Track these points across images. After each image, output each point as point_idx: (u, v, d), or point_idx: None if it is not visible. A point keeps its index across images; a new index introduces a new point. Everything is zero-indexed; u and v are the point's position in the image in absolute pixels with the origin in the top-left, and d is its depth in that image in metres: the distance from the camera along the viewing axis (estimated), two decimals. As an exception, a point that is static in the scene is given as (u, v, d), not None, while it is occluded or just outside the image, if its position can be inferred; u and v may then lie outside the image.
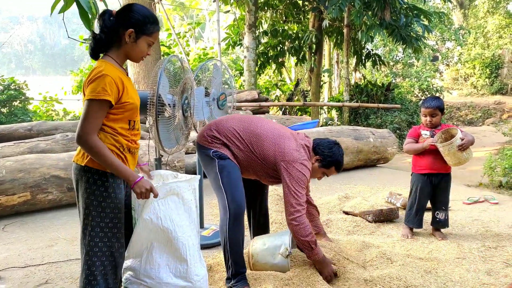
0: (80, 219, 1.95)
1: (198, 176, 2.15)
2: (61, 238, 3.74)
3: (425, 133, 3.41)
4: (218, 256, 3.02)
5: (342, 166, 2.82)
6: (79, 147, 1.95)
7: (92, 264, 1.91)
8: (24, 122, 8.17)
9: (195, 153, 2.84)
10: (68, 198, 4.56)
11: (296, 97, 12.55)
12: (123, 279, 2.04)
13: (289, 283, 2.51)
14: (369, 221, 3.82)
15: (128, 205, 2.10)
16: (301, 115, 12.07)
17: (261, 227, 3.13)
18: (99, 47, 1.97)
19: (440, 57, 19.41)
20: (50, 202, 4.54)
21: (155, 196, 1.94)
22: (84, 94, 1.89)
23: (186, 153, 5.96)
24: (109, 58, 1.96)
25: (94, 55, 1.99)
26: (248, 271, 2.73)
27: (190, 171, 5.39)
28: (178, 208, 2.00)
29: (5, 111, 11.30)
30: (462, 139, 3.15)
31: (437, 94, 13.88)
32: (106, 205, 1.92)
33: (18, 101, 11.57)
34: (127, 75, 2.01)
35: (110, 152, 1.89)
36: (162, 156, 3.21)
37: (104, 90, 1.83)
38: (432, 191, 3.44)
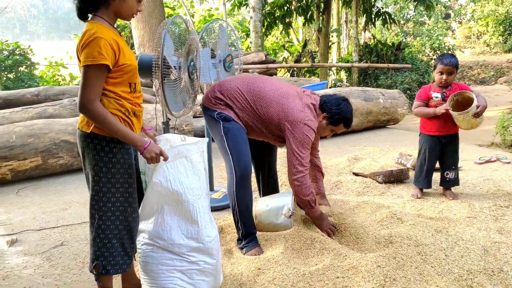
0: (89, 186, 1.93)
1: (206, 139, 2.13)
2: (74, 202, 3.80)
3: (436, 95, 3.28)
4: (228, 218, 3.05)
5: (351, 122, 2.76)
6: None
7: (106, 228, 1.91)
8: (31, 88, 8.15)
9: (203, 116, 2.81)
10: (79, 162, 4.60)
11: (304, 59, 12.32)
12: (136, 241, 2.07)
13: (297, 242, 2.53)
14: (379, 182, 3.81)
15: (137, 169, 2.09)
16: (309, 76, 11.90)
17: (270, 188, 3.14)
18: (86, 6, 1.86)
19: (452, 15, 18.83)
20: (62, 166, 4.59)
21: (165, 159, 1.92)
22: (79, 60, 1.81)
23: (194, 116, 5.93)
24: (99, 18, 1.85)
25: (82, 15, 1.88)
26: (258, 232, 2.76)
27: (199, 134, 5.38)
28: (187, 171, 1.99)
29: (12, 77, 11.27)
30: (478, 106, 3.05)
31: (449, 53, 13.57)
32: (116, 171, 1.89)
33: (24, 67, 11.51)
34: (120, 35, 1.92)
35: (115, 118, 1.85)
36: (169, 119, 3.19)
37: (100, 54, 1.75)
38: (441, 151, 3.40)
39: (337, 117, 2.69)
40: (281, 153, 4.30)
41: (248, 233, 2.65)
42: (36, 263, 2.69)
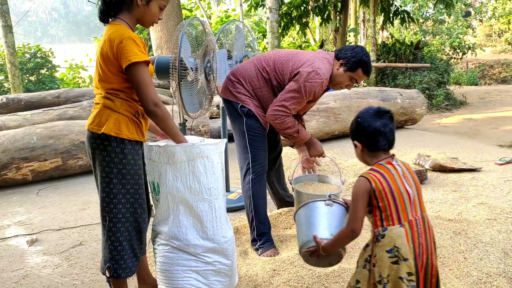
0: (98, 188, 1.93)
1: (224, 140, 2.14)
2: (92, 202, 3.86)
3: None
4: (244, 218, 3.05)
5: (370, 66, 2.59)
6: (92, 114, 1.91)
7: (117, 230, 1.92)
8: (52, 90, 8.32)
9: (219, 117, 2.84)
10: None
11: (321, 59, 12.23)
12: (152, 241, 2.09)
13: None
14: (396, 183, 3.76)
15: (145, 171, 2.10)
16: (326, 77, 11.82)
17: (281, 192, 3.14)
18: (110, 9, 1.88)
19: (473, 12, 18.47)
20: (81, 167, 4.67)
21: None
22: (105, 61, 1.81)
23: (211, 117, 5.96)
24: (121, 21, 1.87)
25: (104, 17, 1.90)
26: (273, 233, 2.76)
27: (215, 135, 5.41)
28: (206, 171, 2.00)
29: (33, 79, 11.53)
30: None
31: (469, 52, 13.30)
32: (127, 172, 1.90)
33: (45, 69, 11.76)
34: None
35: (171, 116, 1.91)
36: (186, 120, 3.21)
37: (141, 52, 1.79)
38: None
39: (353, 60, 2.52)
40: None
41: (262, 232, 2.65)
42: (55, 262, 2.74)
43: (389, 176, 1.59)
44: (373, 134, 1.67)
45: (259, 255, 2.59)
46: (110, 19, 1.91)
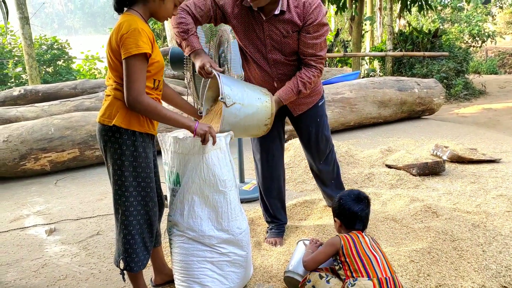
0: (111, 181, 1.94)
1: (231, 132, 2.11)
2: (109, 192, 3.88)
3: None
4: (259, 210, 3.05)
5: None
6: (103, 106, 1.91)
7: (129, 223, 1.93)
8: (69, 81, 8.42)
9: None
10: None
11: (336, 48, 12.12)
12: (168, 232, 2.10)
13: (328, 235, 2.51)
14: (413, 175, 3.72)
15: (156, 164, 2.10)
16: (341, 66, 11.71)
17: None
18: (125, 0, 1.88)
19: (493, -1, 17.98)
20: (98, 158, 4.72)
21: (214, 138, 1.93)
22: (114, 51, 1.82)
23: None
24: (135, 12, 1.87)
25: (119, 8, 1.90)
26: (289, 222, 2.77)
27: (230, 126, 5.40)
28: (220, 162, 2.00)
29: (50, 70, 11.67)
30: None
31: (489, 40, 12.98)
32: (138, 165, 1.91)
33: (61, 61, 11.89)
34: (152, 30, 1.93)
35: (162, 106, 1.89)
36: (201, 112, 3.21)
37: (144, 43, 1.77)
38: None
39: None
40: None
41: (271, 218, 2.71)
42: (73, 251, 2.79)
43: (357, 240, 1.89)
44: (351, 216, 2.00)
45: (265, 239, 2.69)
46: (125, 9, 1.90)
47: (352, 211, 2.00)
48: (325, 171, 2.76)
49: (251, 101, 2.15)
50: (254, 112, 2.16)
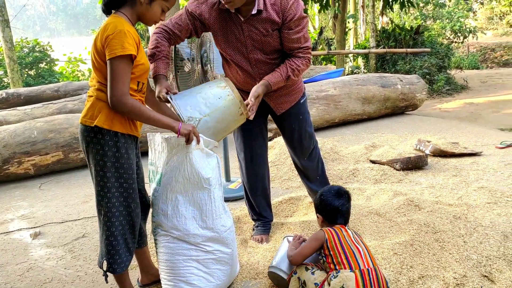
0: (93, 182, 1.93)
1: (214, 142, 2.12)
2: (94, 194, 3.87)
3: None
4: (245, 208, 3.07)
5: None
6: (86, 107, 1.91)
7: (111, 225, 1.93)
8: (51, 84, 8.32)
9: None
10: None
11: (320, 46, 12.18)
12: (153, 232, 2.10)
13: (313, 231, 2.54)
14: (396, 169, 3.77)
15: (139, 165, 2.11)
16: (325, 64, 11.78)
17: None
18: (113, 2, 1.89)
19: (473, -5, 18.27)
20: (82, 160, 4.68)
21: (197, 137, 1.94)
22: (99, 52, 1.82)
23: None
24: (122, 14, 1.88)
25: (107, 10, 1.91)
26: (276, 220, 2.79)
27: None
28: (203, 161, 2.01)
29: (33, 73, 11.52)
30: None
31: (470, 35, 13.19)
32: (120, 166, 1.90)
33: (44, 63, 11.74)
34: (137, 31, 1.94)
35: (146, 107, 1.89)
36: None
37: (129, 45, 1.77)
38: None
39: None
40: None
41: (257, 216, 2.74)
42: (58, 254, 2.77)
43: (340, 234, 1.93)
44: (332, 211, 2.05)
45: (251, 236, 2.71)
46: (113, 11, 1.91)
47: (333, 206, 2.04)
48: (310, 167, 2.79)
49: (214, 105, 2.10)
50: (223, 112, 2.13)
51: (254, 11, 2.21)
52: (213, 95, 2.13)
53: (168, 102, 2.12)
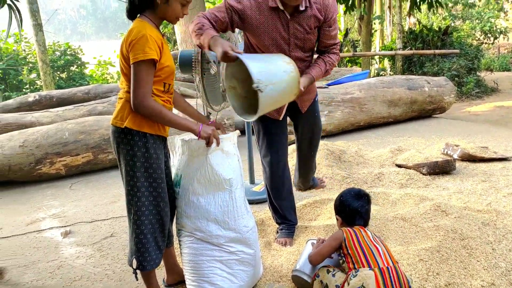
0: (123, 182, 2.00)
1: (237, 132, 2.19)
2: (122, 195, 3.96)
3: None
4: (269, 210, 3.08)
5: None
6: (116, 109, 1.98)
7: (141, 223, 1.99)
8: (82, 86, 8.56)
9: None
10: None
11: (346, 48, 12.09)
12: (177, 233, 2.15)
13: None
14: (423, 174, 3.71)
15: (168, 165, 2.15)
16: (351, 66, 11.68)
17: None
18: (135, 7, 1.95)
19: (505, -5, 17.73)
20: (111, 161, 4.80)
21: (217, 140, 1.99)
22: (123, 55, 1.89)
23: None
24: (146, 18, 1.94)
25: (131, 16, 1.97)
26: (300, 223, 2.80)
27: (240, 128, 5.45)
28: (223, 162, 2.04)
29: (64, 76, 11.87)
30: None
31: (501, 36, 12.83)
32: (149, 166, 1.96)
33: (75, 66, 12.07)
34: (163, 36, 1.99)
35: (167, 110, 1.94)
36: (210, 114, 3.25)
37: (150, 50, 1.83)
38: None
39: None
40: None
41: (282, 220, 2.76)
42: (87, 253, 2.85)
43: (359, 234, 1.96)
44: (351, 212, 2.08)
45: (275, 239, 2.73)
46: (138, 15, 1.97)
47: (352, 207, 2.08)
48: (313, 160, 3.11)
49: (280, 77, 2.13)
50: (285, 87, 2.16)
51: (302, 7, 2.31)
52: (279, 67, 2.17)
53: (234, 61, 2.06)
